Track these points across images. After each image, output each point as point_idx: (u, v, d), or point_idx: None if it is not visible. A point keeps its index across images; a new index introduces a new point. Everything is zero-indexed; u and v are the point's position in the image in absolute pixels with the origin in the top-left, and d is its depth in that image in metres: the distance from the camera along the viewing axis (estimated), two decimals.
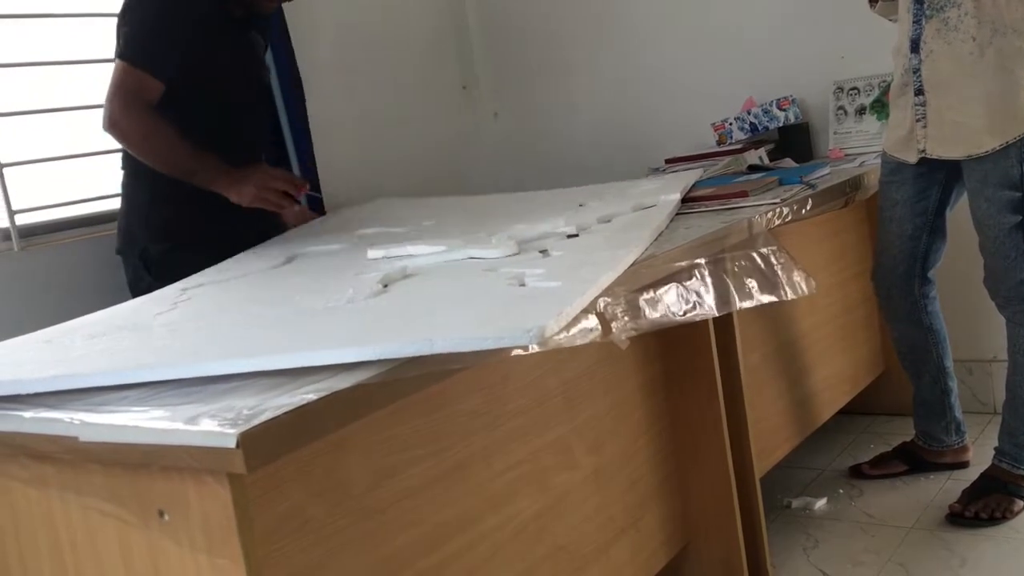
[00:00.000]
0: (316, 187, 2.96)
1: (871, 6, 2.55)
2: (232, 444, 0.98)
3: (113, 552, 1.18)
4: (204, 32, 2.36)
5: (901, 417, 2.92)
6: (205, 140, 2.30)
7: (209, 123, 2.35)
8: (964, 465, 2.66)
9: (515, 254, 1.79)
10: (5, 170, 2.49)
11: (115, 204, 2.60)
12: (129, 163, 2.44)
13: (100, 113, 2.29)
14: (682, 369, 2.08)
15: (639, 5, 3.59)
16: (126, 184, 2.47)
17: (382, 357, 1.17)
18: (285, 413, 1.04)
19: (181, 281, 2.02)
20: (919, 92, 2.34)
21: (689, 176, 2.54)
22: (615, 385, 1.96)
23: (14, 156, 2.53)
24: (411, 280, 1.67)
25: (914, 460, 2.69)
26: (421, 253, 1.92)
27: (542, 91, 3.87)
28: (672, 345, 2.07)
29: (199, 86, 2.34)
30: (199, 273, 2.08)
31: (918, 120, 2.35)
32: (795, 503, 2.62)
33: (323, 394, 1.09)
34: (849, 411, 2.96)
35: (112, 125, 2.27)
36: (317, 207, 2.94)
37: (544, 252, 1.82)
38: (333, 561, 1.28)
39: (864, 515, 2.53)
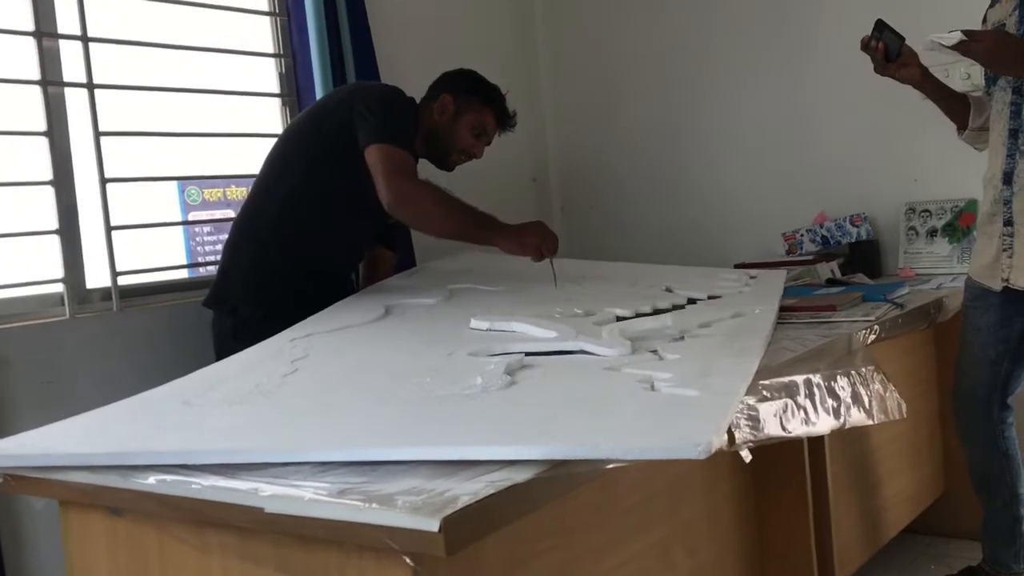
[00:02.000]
0: None
1: (958, 133, 2.63)
2: (435, 528, 1.01)
3: None
4: None
5: (958, 540, 2.92)
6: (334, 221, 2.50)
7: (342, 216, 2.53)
8: None
9: (630, 354, 1.83)
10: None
11: (205, 272, 2.79)
12: (242, 227, 2.56)
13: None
14: (773, 476, 2.10)
15: (717, 114, 3.71)
16: (232, 245, 2.57)
17: (550, 457, 1.21)
18: (478, 501, 1.07)
19: (287, 331, 2.09)
20: (1008, 223, 2.40)
21: (778, 282, 2.60)
22: (710, 489, 1.98)
23: (120, 220, 2.62)
24: (535, 373, 1.71)
25: None
26: (530, 335, 1.97)
27: (608, 188, 3.98)
28: (763, 452, 2.09)
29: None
30: (301, 323, 2.15)
31: (1004, 250, 2.41)
32: None
33: (506, 485, 1.13)
34: (908, 531, 2.95)
35: (402, 198, 2.36)
36: None
37: (655, 352, 1.87)
38: None
39: None
